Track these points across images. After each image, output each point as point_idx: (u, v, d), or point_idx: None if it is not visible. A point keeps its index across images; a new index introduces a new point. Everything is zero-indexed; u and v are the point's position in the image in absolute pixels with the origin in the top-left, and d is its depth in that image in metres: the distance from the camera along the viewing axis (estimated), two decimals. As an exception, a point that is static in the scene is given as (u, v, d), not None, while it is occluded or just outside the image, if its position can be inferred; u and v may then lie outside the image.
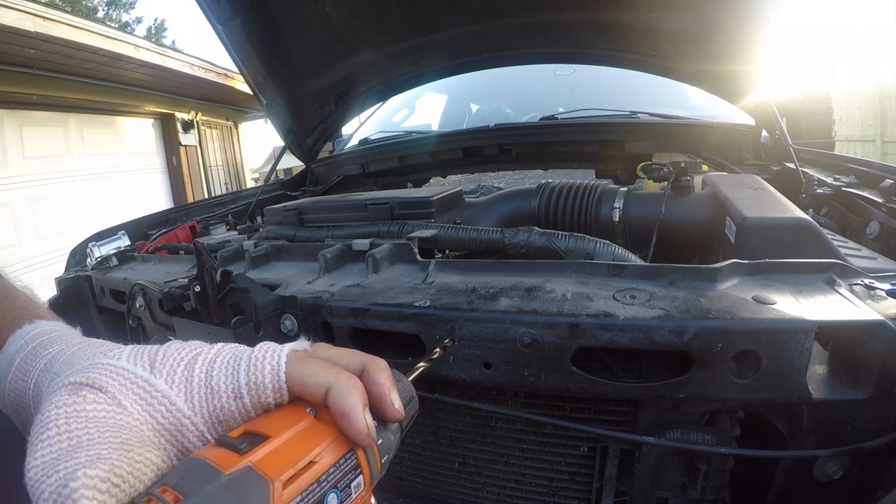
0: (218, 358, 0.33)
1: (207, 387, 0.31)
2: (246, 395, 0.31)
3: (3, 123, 3.33)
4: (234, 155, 6.29)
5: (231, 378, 0.31)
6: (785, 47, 1.83)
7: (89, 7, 13.09)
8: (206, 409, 0.31)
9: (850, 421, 0.56)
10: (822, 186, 1.13)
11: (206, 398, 0.31)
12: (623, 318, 0.54)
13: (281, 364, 0.31)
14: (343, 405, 0.29)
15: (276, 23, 1.46)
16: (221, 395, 0.31)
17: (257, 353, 0.32)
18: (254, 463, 0.26)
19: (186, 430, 0.30)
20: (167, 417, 0.30)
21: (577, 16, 1.43)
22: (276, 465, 0.26)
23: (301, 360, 0.32)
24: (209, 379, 0.31)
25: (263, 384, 0.31)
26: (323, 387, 0.30)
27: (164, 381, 0.31)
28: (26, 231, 3.46)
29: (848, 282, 0.59)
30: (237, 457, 0.26)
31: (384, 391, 0.32)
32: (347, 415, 0.29)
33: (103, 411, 0.29)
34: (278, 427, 0.29)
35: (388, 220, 1.01)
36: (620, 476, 0.66)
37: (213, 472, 0.25)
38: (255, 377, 0.31)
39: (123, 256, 1.20)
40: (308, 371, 0.31)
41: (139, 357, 0.33)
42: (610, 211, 1.03)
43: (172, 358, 0.33)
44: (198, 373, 0.32)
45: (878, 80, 7.38)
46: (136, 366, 0.32)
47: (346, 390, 0.30)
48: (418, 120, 2.37)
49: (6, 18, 2.61)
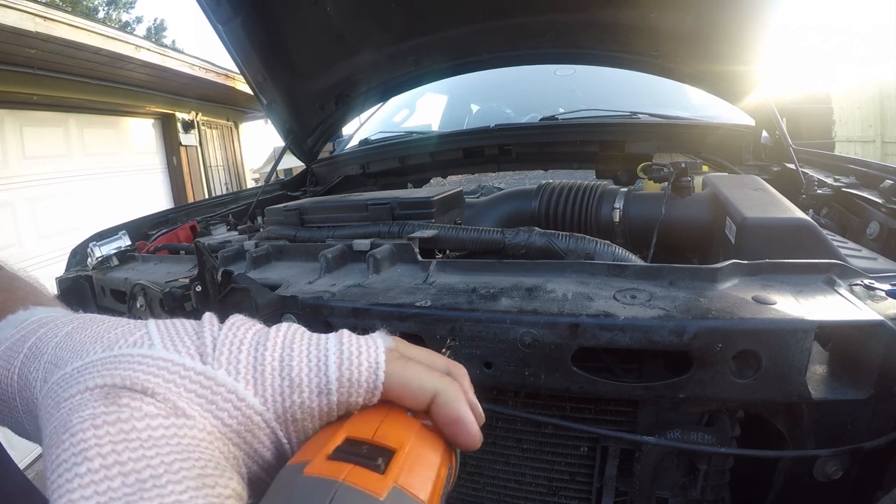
0: (295, 343, 0.28)
1: (285, 378, 0.26)
2: (335, 391, 0.26)
3: (4, 123, 3.33)
4: (234, 155, 6.29)
5: (317, 370, 0.26)
6: (785, 47, 1.83)
7: (89, 7, 13.10)
8: (281, 406, 0.26)
9: (850, 421, 0.56)
10: (822, 187, 1.13)
11: (281, 391, 0.26)
12: (623, 318, 0.54)
13: (380, 363, 0.27)
14: (455, 412, 0.27)
15: (276, 23, 1.46)
16: (304, 389, 0.26)
17: (350, 346, 0.28)
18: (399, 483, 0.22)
19: (257, 430, 0.26)
20: (235, 417, 0.25)
21: (577, 16, 1.43)
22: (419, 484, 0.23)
23: (399, 360, 0.28)
24: (287, 369, 0.26)
25: (359, 382, 0.27)
26: (429, 393, 0.27)
27: (226, 370, 0.26)
28: (26, 231, 3.46)
29: (848, 282, 0.59)
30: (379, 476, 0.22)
31: (472, 397, 0.30)
32: (462, 422, 0.27)
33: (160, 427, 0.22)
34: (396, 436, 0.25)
35: (389, 221, 1.02)
36: (620, 476, 0.66)
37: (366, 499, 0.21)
38: (349, 373, 0.26)
39: (124, 256, 1.20)
40: (410, 375, 0.28)
41: (179, 342, 0.26)
42: (610, 211, 1.03)
43: (229, 341, 0.27)
44: (269, 360, 0.26)
45: (878, 80, 7.39)
46: (182, 355, 0.26)
47: (456, 396, 0.28)
48: (419, 120, 2.37)
49: (6, 18, 2.61)
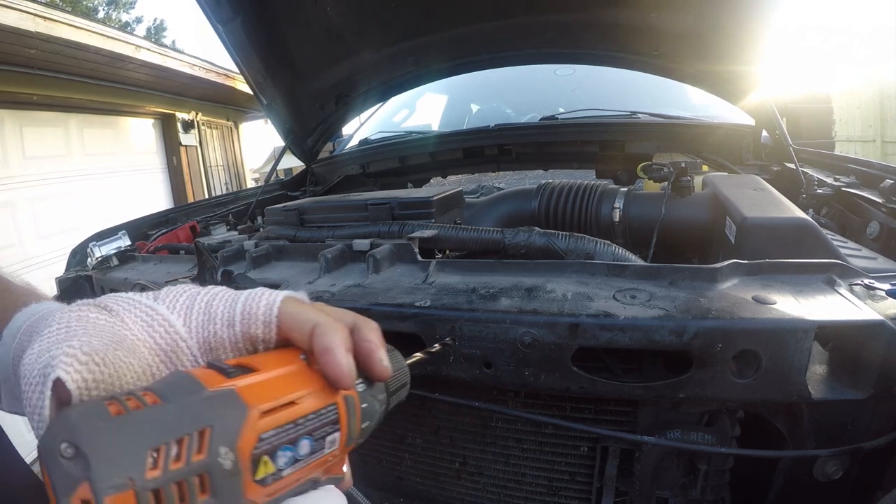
0: (220, 293, 0.35)
1: (206, 314, 0.33)
2: (238, 323, 0.32)
3: (4, 123, 3.33)
4: (234, 155, 6.29)
5: (228, 308, 0.33)
6: (785, 47, 1.82)
7: (89, 7, 13.10)
8: (201, 335, 0.32)
9: (850, 421, 0.56)
10: (822, 186, 1.13)
11: (202, 324, 0.33)
12: (623, 318, 0.54)
13: (276, 301, 0.33)
14: (326, 342, 0.30)
15: (276, 23, 1.46)
16: (217, 321, 0.32)
17: (256, 291, 0.34)
18: (237, 388, 0.26)
19: (181, 353, 0.32)
20: (164, 338, 0.31)
21: (577, 16, 1.43)
22: (258, 394, 0.27)
23: (296, 302, 0.33)
24: (209, 307, 0.33)
25: (256, 315, 0.32)
26: (310, 324, 0.31)
27: (167, 307, 0.33)
28: (26, 231, 3.46)
29: (848, 282, 0.59)
30: (223, 378, 0.27)
31: (373, 347, 0.33)
32: (329, 350, 0.30)
33: (104, 321, 0.30)
34: (268, 364, 0.30)
35: (389, 221, 1.02)
36: (620, 476, 0.66)
37: (197, 386, 0.26)
38: (249, 308, 0.33)
39: (124, 256, 1.20)
40: (299, 310, 0.33)
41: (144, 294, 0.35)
42: (610, 211, 1.03)
43: (175, 291, 0.35)
44: (199, 302, 0.34)
45: (878, 80, 7.38)
46: (141, 296, 0.34)
47: (331, 329, 0.31)
48: (418, 120, 2.37)
49: (6, 18, 2.61)
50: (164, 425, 0.23)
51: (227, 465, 0.24)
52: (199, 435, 0.24)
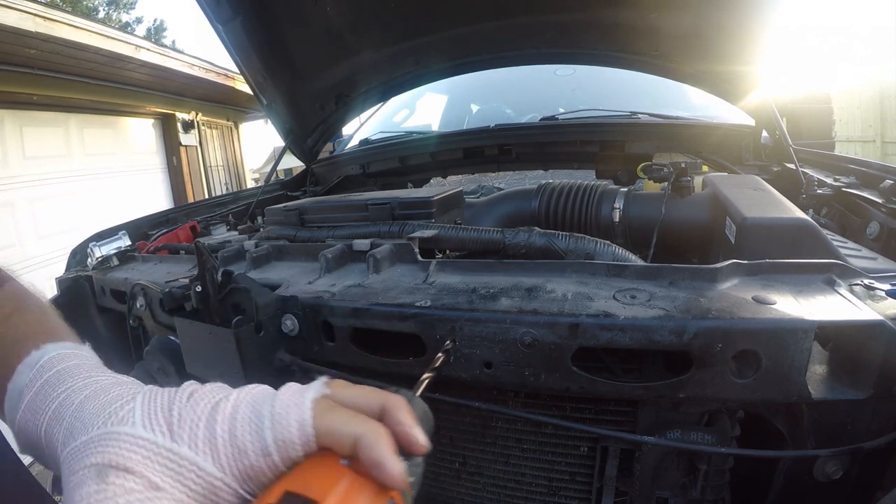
0: (238, 414, 0.32)
1: (233, 447, 0.31)
2: (275, 453, 0.31)
3: (4, 123, 3.33)
4: (234, 155, 6.29)
5: (256, 436, 0.31)
6: (785, 47, 1.82)
7: (90, 7, 13.10)
8: (236, 469, 0.31)
9: (850, 421, 0.56)
10: (822, 187, 1.13)
11: (233, 458, 0.31)
12: (623, 318, 0.54)
13: (307, 419, 0.31)
14: (375, 456, 0.30)
15: (276, 23, 1.46)
16: (249, 454, 0.31)
17: (280, 408, 0.32)
18: None
19: (220, 491, 0.31)
20: (199, 484, 0.30)
21: (577, 16, 1.43)
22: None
23: (326, 411, 0.32)
24: (233, 439, 0.31)
25: (292, 441, 0.31)
26: (351, 438, 0.30)
27: (188, 446, 0.31)
28: (26, 231, 3.46)
29: (848, 282, 0.59)
30: None
31: (408, 430, 0.32)
32: (381, 464, 0.29)
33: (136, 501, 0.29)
34: (321, 487, 0.29)
35: (389, 221, 1.02)
36: (620, 476, 0.66)
37: None
38: (281, 434, 0.31)
39: (124, 256, 1.20)
40: (335, 423, 0.31)
41: (154, 421, 0.32)
42: (610, 211, 1.03)
43: (190, 418, 0.32)
44: (220, 433, 0.31)
45: (878, 80, 7.38)
46: (155, 433, 0.31)
47: (375, 440, 0.30)
48: (419, 120, 2.37)
49: (6, 18, 2.61)
50: None
51: None
52: None
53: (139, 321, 0.96)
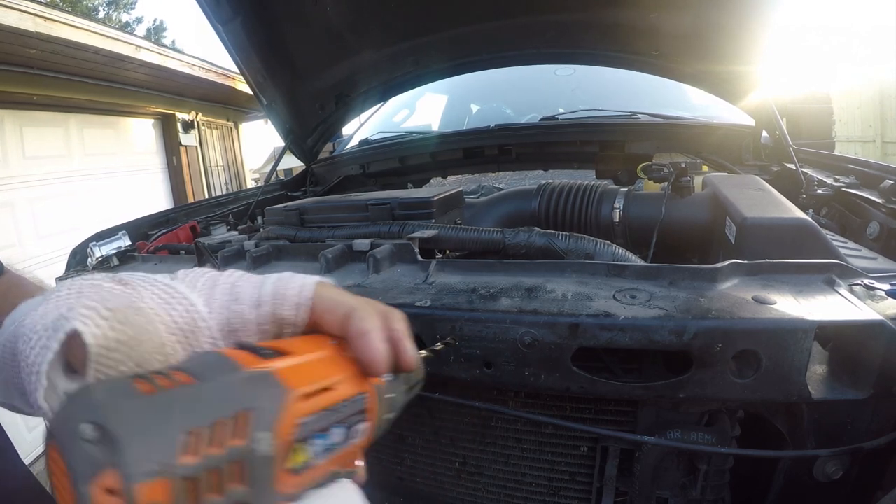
0: (245, 275, 0.33)
1: (230, 294, 0.31)
2: (267, 304, 0.30)
3: (4, 123, 3.33)
4: (234, 155, 6.29)
5: (255, 288, 0.31)
6: (785, 47, 1.82)
7: (90, 7, 13.10)
8: (224, 315, 0.30)
9: (850, 421, 0.56)
10: (822, 187, 1.13)
11: (225, 304, 0.31)
12: (623, 318, 0.54)
13: (309, 283, 0.31)
14: (364, 326, 0.29)
15: (276, 23, 1.46)
16: (243, 301, 0.31)
17: (286, 274, 0.32)
18: (274, 370, 0.25)
19: (200, 333, 0.30)
20: (183, 317, 0.29)
21: (577, 16, 1.43)
22: (296, 378, 0.25)
23: (328, 287, 0.32)
24: (233, 288, 0.31)
25: (286, 296, 0.31)
26: (345, 307, 0.30)
27: (186, 285, 0.31)
28: (26, 231, 3.46)
29: (848, 282, 0.59)
30: (259, 359, 0.25)
31: (400, 336, 0.32)
32: (367, 333, 0.29)
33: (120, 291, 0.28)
34: (301, 348, 0.28)
35: (389, 221, 1.02)
36: (620, 476, 0.66)
37: (231, 365, 0.24)
38: (280, 288, 0.31)
39: (124, 256, 1.20)
40: (333, 294, 0.31)
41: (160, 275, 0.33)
42: (610, 211, 1.03)
43: (196, 272, 0.33)
44: (222, 282, 0.32)
45: (878, 80, 7.38)
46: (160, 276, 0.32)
47: (368, 313, 0.30)
48: (419, 120, 2.37)
49: (6, 18, 2.61)
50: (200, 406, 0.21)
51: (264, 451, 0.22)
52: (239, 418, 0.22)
53: (139, 321, 0.96)
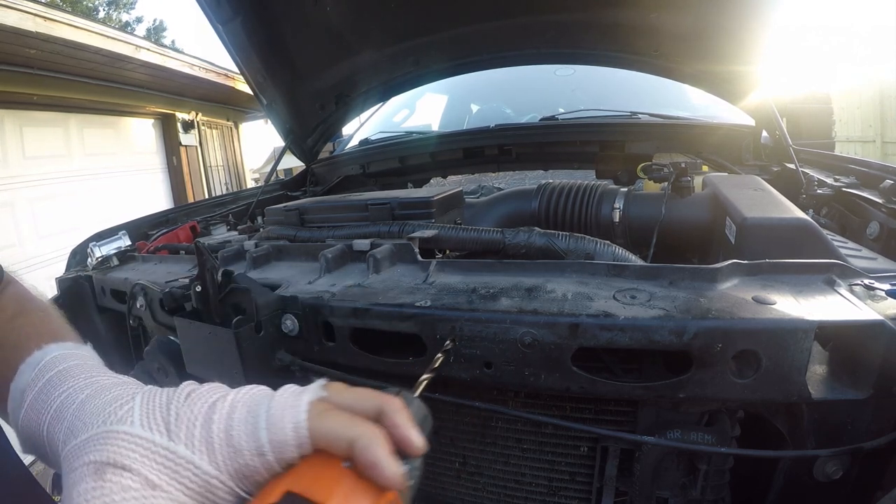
0: (235, 414, 0.33)
1: (229, 447, 0.31)
2: (269, 453, 0.31)
3: (4, 123, 3.33)
4: (234, 155, 6.29)
5: (252, 437, 0.31)
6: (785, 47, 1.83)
7: (90, 7, 13.10)
8: (232, 468, 0.31)
9: (850, 421, 0.56)
10: (822, 187, 1.13)
11: (229, 457, 0.31)
12: (623, 318, 0.54)
13: (301, 421, 0.31)
14: (371, 458, 0.30)
15: (276, 23, 1.46)
16: (244, 454, 0.31)
17: (276, 410, 0.32)
18: None
19: (216, 489, 0.31)
20: (196, 482, 0.31)
21: (577, 16, 1.43)
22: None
23: (321, 413, 0.32)
24: (230, 439, 0.32)
25: (286, 442, 0.31)
26: (347, 441, 0.30)
27: (185, 445, 0.31)
28: (26, 231, 3.46)
29: (848, 282, 0.59)
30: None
31: (405, 432, 0.32)
32: (377, 465, 0.30)
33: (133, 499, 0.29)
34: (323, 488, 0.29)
35: (389, 221, 1.02)
36: (620, 476, 0.66)
37: None
38: (276, 435, 0.31)
39: (124, 256, 1.20)
40: (330, 426, 0.31)
41: (152, 420, 0.33)
42: (610, 211, 1.03)
43: (187, 418, 0.33)
44: (216, 432, 0.32)
45: (878, 80, 7.38)
46: (153, 432, 0.32)
47: (370, 442, 0.30)
48: (419, 120, 2.37)
49: (7, 18, 2.61)
50: None
51: None
52: None
53: (139, 321, 0.96)
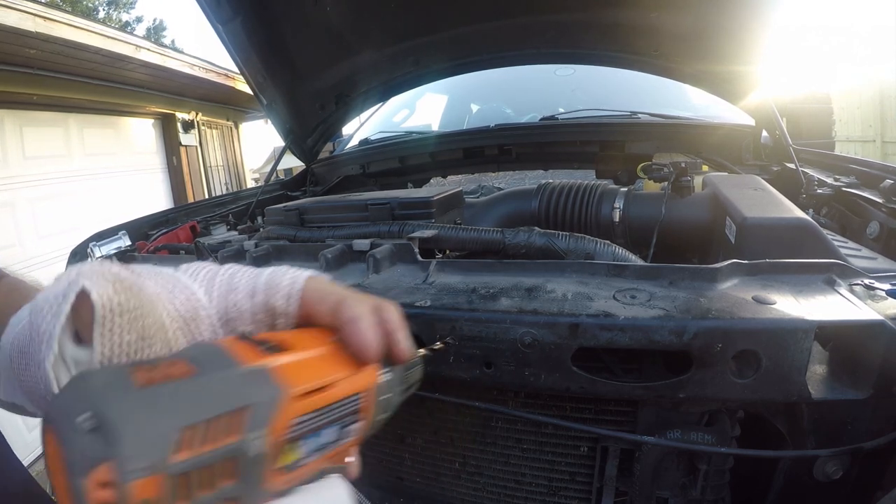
0: (243, 268, 0.35)
1: (228, 284, 0.33)
2: (261, 293, 0.32)
3: (4, 123, 3.33)
4: (234, 155, 6.29)
5: (251, 279, 0.33)
6: (785, 47, 1.83)
7: (90, 7, 13.10)
8: (222, 304, 0.32)
9: (850, 421, 0.56)
10: (822, 187, 1.13)
11: (224, 294, 0.32)
12: (623, 318, 0.54)
13: (300, 275, 0.33)
14: (353, 312, 0.30)
15: (276, 23, 1.46)
16: (238, 291, 0.32)
17: (281, 268, 0.34)
18: (271, 368, 0.25)
19: (200, 321, 0.31)
20: (185, 305, 0.31)
21: (577, 16, 1.43)
22: (294, 376, 0.25)
23: (320, 280, 0.34)
24: (231, 278, 0.33)
25: (279, 285, 0.32)
26: (335, 296, 0.31)
27: (189, 276, 0.33)
28: (26, 231, 3.46)
29: (848, 282, 0.59)
30: (258, 354, 0.25)
31: (394, 326, 0.32)
32: (356, 321, 0.30)
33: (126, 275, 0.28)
34: (301, 343, 0.28)
35: (389, 221, 1.02)
36: (620, 476, 0.66)
37: (228, 360, 0.24)
38: (273, 279, 0.32)
39: (124, 256, 1.20)
40: (325, 286, 0.33)
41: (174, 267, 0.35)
42: (610, 211, 1.03)
43: (197, 265, 0.35)
44: (221, 273, 0.34)
45: (878, 80, 7.37)
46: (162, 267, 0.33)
47: (358, 301, 0.31)
48: (419, 120, 2.37)
49: (6, 18, 2.61)
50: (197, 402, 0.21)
51: (257, 450, 0.22)
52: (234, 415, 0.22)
53: (139, 321, 0.96)
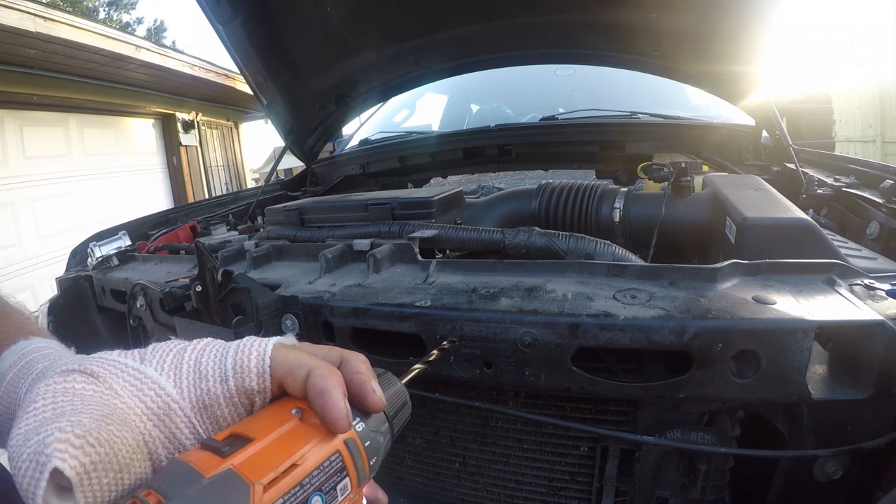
0: (207, 347, 0.34)
1: (196, 371, 0.32)
2: (231, 377, 0.32)
3: (4, 123, 3.33)
4: (234, 155, 6.29)
5: (219, 363, 0.32)
6: (785, 47, 1.83)
7: (90, 7, 13.10)
8: (194, 394, 0.32)
9: (850, 421, 0.56)
10: (822, 187, 1.13)
11: (194, 382, 0.32)
12: (623, 318, 0.54)
13: (267, 350, 0.33)
14: (321, 384, 0.30)
15: (276, 23, 1.46)
16: (208, 378, 0.32)
17: (245, 342, 0.34)
18: (235, 466, 0.26)
19: (174, 415, 0.31)
20: (156, 402, 0.31)
21: (577, 16, 1.43)
22: (257, 467, 0.26)
23: (285, 349, 0.33)
24: (198, 364, 0.33)
25: (248, 367, 0.32)
26: (304, 369, 0.31)
27: (155, 368, 0.32)
28: (27, 231, 3.46)
29: (848, 282, 0.59)
30: (219, 459, 0.26)
31: (363, 379, 0.33)
32: (325, 392, 0.30)
33: (91, 391, 0.30)
34: (263, 429, 0.29)
35: (389, 221, 1.02)
36: (620, 476, 0.66)
37: (194, 474, 0.25)
38: (241, 361, 0.32)
39: (124, 256, 1.20)
40: (291, 357, 0.32)
41: (130, 352, 0.34)
42: (610, 211, 1.03)
43: (162, 349, 0.34)
44: (187, 359, 0.33)
45: (878, 80, 7.37)
46: (127, 358, 0.33)
47: (324, 373, 0.31)
48: (419, 120, 2.37)
49: (7, 18, 2.61)
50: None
51: None
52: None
53: (139, 321, 0.96)
